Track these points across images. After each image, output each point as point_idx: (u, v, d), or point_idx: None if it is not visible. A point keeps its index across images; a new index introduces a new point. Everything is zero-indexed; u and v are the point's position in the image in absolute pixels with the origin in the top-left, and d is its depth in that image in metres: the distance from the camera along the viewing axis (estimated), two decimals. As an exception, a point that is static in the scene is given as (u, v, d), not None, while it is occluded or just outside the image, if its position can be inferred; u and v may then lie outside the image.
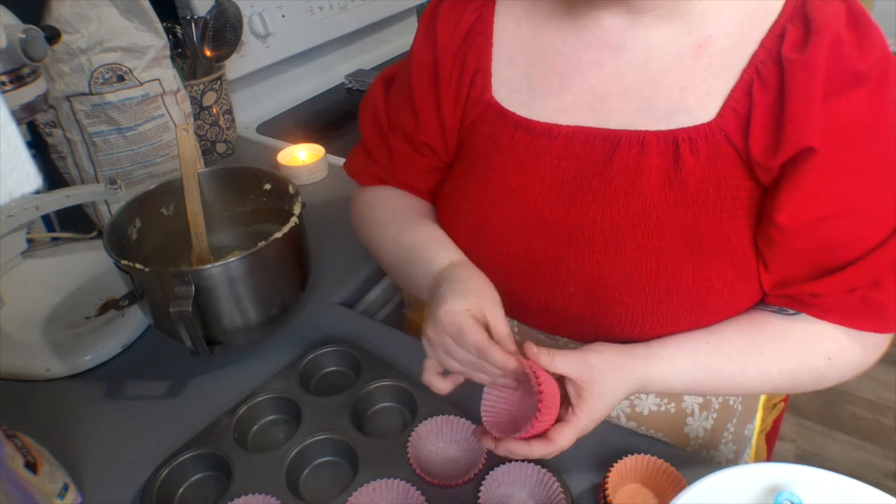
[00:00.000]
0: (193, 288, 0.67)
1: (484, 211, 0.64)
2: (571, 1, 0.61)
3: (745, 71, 0.55)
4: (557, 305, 0.63)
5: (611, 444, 0.66)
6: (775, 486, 0.49)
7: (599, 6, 0.59)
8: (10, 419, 0.63)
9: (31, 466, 0.58)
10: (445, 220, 0.70)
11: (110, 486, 0.65)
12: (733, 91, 0.55)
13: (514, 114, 0.63)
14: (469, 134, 0.67)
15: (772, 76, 0.54)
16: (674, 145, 0.57)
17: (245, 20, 1.20)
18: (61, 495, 0.60)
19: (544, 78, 0.62)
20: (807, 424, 1.81)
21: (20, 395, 0.76)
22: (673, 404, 0.69)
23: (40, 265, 0.93)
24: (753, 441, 0.82)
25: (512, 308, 0.66)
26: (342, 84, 1.56)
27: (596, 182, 0.59)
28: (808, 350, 0.60)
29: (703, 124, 0.56)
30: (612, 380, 0.57)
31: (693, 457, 0.69)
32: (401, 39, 1.80)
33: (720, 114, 0.56)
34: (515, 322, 0.71)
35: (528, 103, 0.63)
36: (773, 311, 0.61)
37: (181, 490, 0.65)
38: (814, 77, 0.51)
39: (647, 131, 0.58)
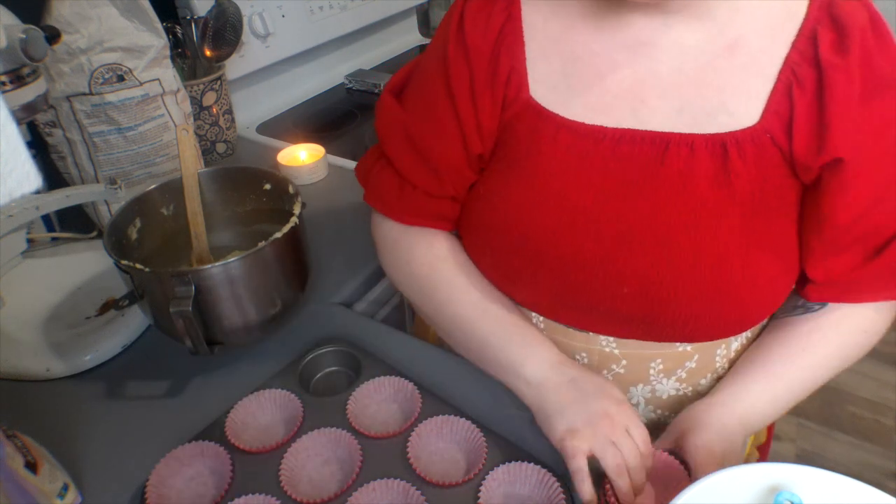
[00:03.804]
0: (193, 288, 0.67)
1: (527, 213, 0.63)
2: (600, 1, 0.60)
3: (781, 73, 0.56)
4: (606, 306, 0.63)
5: (611, 444, 0.66)
6: (775, 486, 0.49)
7: (630, 8, 0.58)
8: (10, 419, 0.63)
9: (31, 466, 0.58)
10: (480, 221, 0.69)
11: (110, 486, 0.65)
12: (773, 93, 0.56)
13: (554, 114, 0.62)
14: (505, 134, 0.65)
15: (809, 79, 0.55)
16: (722, 148, 0.57)
17: (245, 20, 1.20)
18: (61, 495, 0.60)
19: (581, 77, 0.61)
20: (807, 424, 1.81)
21: (20, 395, 0.76)
22: (690, 388, 0.71)
23: (40, 265, 0.93)
24: (747, 450, 0.82)
25: (554, 308, 0.68)
26: (342, 84, 1.56)
27: (647, 184, 0.59)
28: (846, 333, 0.66)
29: (749, 128, 0.57)
30: (729, 454, 0.61)
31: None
32: (401, 39, 1.80)
33: (763, 116, 0.57)
34: (541, 318, 0.71)
35: (567, 102, 0.62)
36: (795, 316, 0.67)
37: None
38: (852, 81, 0.53)
39: (694, 134, 0.58)
